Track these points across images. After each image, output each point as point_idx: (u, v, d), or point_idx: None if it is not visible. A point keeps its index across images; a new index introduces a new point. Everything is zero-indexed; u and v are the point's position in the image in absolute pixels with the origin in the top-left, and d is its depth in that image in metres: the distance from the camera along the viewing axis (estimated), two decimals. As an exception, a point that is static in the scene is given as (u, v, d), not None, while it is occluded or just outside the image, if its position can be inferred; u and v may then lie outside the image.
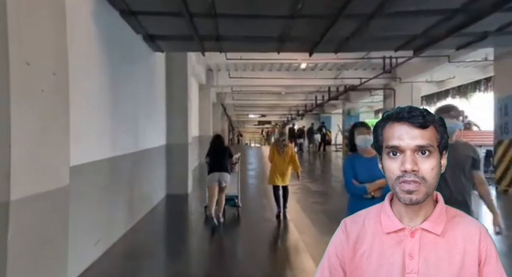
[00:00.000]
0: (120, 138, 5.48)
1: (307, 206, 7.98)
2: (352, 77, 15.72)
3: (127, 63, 6.08)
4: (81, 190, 4.08)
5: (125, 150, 5.68)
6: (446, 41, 6.61)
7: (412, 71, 14.19)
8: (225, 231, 6.17)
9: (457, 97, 19.02)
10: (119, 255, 4.88)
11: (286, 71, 16.18)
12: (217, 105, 23.38)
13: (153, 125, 7.69)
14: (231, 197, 6.76)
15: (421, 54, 10.38)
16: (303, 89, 20.22)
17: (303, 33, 6.53)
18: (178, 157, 8.95)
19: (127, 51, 6.10)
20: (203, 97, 16.20)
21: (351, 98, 22.38)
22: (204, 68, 15.45)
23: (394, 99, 15.61)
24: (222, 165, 6.32)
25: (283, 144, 6.70)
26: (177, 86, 8.90)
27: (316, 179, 12.57)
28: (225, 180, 6.28)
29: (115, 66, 5.39)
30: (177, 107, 8.94)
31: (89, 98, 4.50)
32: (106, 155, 4.81)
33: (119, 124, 5.49)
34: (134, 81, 6.39)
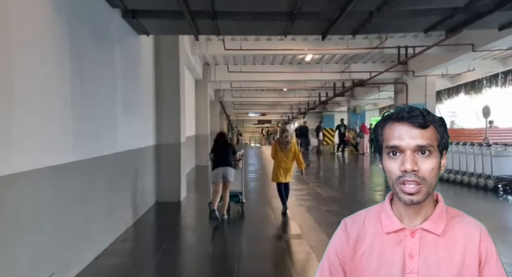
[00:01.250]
0: (87, 139, 4.29)
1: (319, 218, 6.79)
2: (361, 70, 14.53)
3: (101, 46, 4.89)
4: (20, 207, 2.91)
5: (95, 153, 4.48)
6: (491, 17, 5.43)
7: (426, 63, 13.00)
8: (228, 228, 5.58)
9: (471, 92, 17.86)
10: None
11: (289, 64, 14.98)
12: (216, 103, 22.19)
13: (138, 122, 6.49)
14: (235, 193, 6.77)
15: (446, 41, 9.22)
16: (307, 85, 19.00)
17: (317, 7, 5.35)
18: (170, 160, 7.75)
19: (101, 30, 4.91)
20: (200, 93, 14.98)
21: (357, 95, 21.20)
22: (201, 62, 14.24)
23: (406, 94, 14.43)
24: (226, 161, 6.38)
25: (286, 140, 6.64)
26: (167, 77, 7.70)
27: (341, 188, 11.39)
28: (230, 174, 6.34)
29: (83, 49, 4.21)
30: (168, 102, 7.74)
31: (41, 87, 3.32)
32: (61, 160, 3.61)
33: (87, 122, 4.30)
34: (111, 70, 5.22)
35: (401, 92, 14.85)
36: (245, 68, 14.61)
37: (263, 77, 15.20)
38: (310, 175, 12.51)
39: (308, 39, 11.32)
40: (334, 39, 11.29)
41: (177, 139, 7.85)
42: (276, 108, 32.07)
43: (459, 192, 9.00)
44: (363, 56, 14.06)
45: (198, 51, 11.39)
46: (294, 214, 6.82)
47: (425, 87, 14.37)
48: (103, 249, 4.69)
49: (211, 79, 15.16)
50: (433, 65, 12.93)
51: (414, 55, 10.53)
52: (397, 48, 10.96)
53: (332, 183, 11.78)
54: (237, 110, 31.83)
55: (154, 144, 7.51)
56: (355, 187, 10.70)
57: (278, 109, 32.63)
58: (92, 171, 4.43)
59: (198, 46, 11.35)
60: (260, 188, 10.05)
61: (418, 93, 14.35)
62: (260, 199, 8.55)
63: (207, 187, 9.96)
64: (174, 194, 7.73)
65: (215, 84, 18.15)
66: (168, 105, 7.74)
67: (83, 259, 4.13)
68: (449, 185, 9.67)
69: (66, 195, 3.74)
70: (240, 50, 10.85)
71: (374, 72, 13.84)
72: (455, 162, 9.85)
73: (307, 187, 9.81)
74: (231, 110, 31.22)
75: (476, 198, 8.60)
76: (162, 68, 7.65)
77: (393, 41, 11.03)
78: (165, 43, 7.60)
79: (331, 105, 26.18)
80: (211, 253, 4.94)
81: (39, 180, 3.25)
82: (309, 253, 4.75)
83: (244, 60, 14.40)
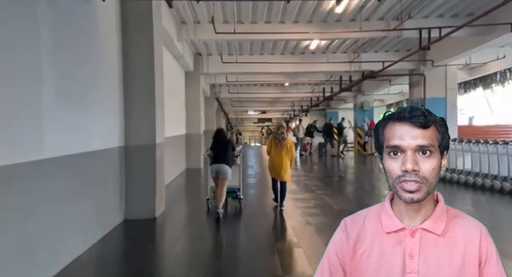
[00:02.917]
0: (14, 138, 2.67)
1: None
2: (372, 60, 12.86)
3: (31, 10, 3.27)
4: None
5: (24, 157, 2.85)
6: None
7: (448, 51, 11.31)
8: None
9: (492, 86, 16.17)
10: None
11: (291, 54, 13.33)
12: (212, 99, 20.56)
13: (92, 116, 4.85)
14: (232, 189, 6.68)
15: (478, 20, 7.56)
16: (311, 78, 17.32)
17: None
18: (143, 165, 6.11)
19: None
20: (191, 87, 13.32)
21: (365, 90, 19.54)
22: (191, 51, 12.60)
23: (424, 86, 12.77)
24: (223, 158, 6.29)
25: (282, 137, 6.62)
26: (139, 57, 6.06)
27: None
28: (223, 172, 6.22)
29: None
30: (139, 90, 6.09)
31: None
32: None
33: (11, 116, 2.68)
34: (50, 44, 3.63)
35: (418, 84, 13.18)
36: (241, 58, 12.94)
37: (262, 69, 13.56)
38: (316, 180, 10.85)
39: (313, 21, 9.67)
40: (344, 21, 9.64)
41: (152, 139, 6.21)
42: (277, 105, 30.37)
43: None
44: (375, 45, 12.42)
45: (185, 35, 9.74)
46: (301, 237, 5.18)
47: (446, 79, 12.69)
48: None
49: (203, 71, 13.50)
50: (456, 53, 11.23)
51: (440, 38, 8.84)
52: (419, 30, 9.31)
53: (343, 190, 10.10)
54: (236, 108, 30.13)
55: (121, 146, 5.87)
56: (371, 195, 9.02)
57: (279, 106, 30.91)
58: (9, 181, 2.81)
59: (186, 30, 9.71)
60: (260, 205, 8.41)
61: (437, 86, 12.69)
62: (262, 218, 6.93)
63: (198, 196, 8.41)
64: (147, 209, 6.08)
65: (209, 78, 16.51)
66: (140, 95, 6.10)
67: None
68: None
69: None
70: (234, 34, 9.19)
71: (387, 62, 12.18)
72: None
73: (314, 196, 8.17)
74: (228, 107, 29.55)
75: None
76: (132, 45, 6.00)
77: (414, 22, 9.37)
78: (133, 12, 5.94)
79: (335, 101, 24.52)
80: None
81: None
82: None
83: (240, 50, 12.74)
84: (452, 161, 9.42)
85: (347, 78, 16.35)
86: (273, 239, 5.40)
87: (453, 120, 12.64)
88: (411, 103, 13.81)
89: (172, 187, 9.31)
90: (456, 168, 9.36)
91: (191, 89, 13.33)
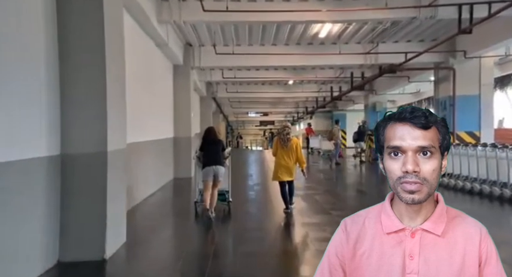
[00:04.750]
0: None
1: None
2: (393, 51, 10.96)
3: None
4: None
5: None
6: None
7: (485, 40, 9.40)
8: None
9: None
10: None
11: (297, 44, 11.45)
12: (208, 99, 18.76)
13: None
14: (221, 192, 6.54)
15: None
16: (318, 75, 15.42)
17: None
18: (88, 184, 4.24)
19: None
20: (180, 83, 11.46)
21: (377, 88, 17.66)
22: (180, 42, 10.76)
23: (453, 82, 10.86)
24: (217, 159, 6.14)
25: (287, 137, 6.52)
26: (80, 25, 4.20)
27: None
28: (220, 174, 6.11)
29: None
30: (82, 75, 4.22)
31: None
32: None
33: None
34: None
35: (446, 80, 11.29)
36: (238, 49, 11.09)
37: (262, 62, 11.73)
38: (330, 195, 8.94)
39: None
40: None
41: (102, 145, 4.31)
42: (280, 106, 28.43)
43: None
44: (396, 33, 10.54)
45: (167, 16, 7.89)
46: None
47: (480, 74, 10.77)
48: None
49: (195, 65, 11.64)
50: (494, 42, 9.37)
51: (490, 15, 6.94)
52: (458, 6, 7.41)
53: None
54: (235, 109, 28.21)
55: (51, 155, 3.99)
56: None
57: (282, 107, 28.96)
58: None
59: (167, 8, 7.85)
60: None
61: (469, 82, 10.79)
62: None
63: (186, 214, 6.66)
64: (92, 248, 4.19)
65: (204, 75, 14.67)
66: (83, 82, 4.22)
67: None
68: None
69: None
70: (227, 12, 7.33)
71: (410, 53, 10.30)
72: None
73: (329, 220, 6.27)
74: (228, 108, 27.66)
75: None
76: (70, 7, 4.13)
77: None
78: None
79: (343, 102, 22.60)
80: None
81: None
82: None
83: (236, 39, 10.88)
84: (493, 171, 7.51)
85: (359, 75, 14.46)
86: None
87: (489, 122, 10.79)
88: (437, 102, 11.90)
89: (150, 205, 7.43)
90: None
91: (180, 85, 11.47)
